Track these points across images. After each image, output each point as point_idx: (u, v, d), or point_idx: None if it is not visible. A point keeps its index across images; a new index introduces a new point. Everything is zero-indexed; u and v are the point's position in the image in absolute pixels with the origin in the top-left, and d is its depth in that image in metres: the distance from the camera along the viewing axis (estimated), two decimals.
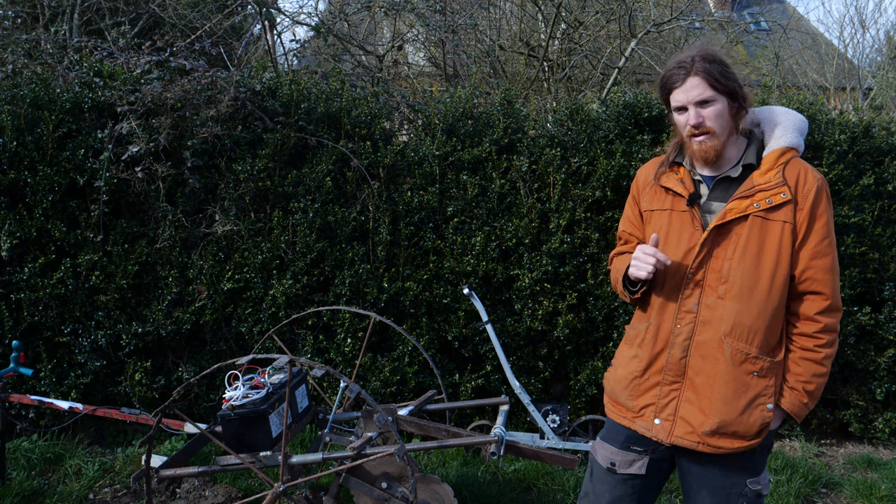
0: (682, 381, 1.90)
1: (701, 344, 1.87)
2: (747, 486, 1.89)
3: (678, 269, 1.90)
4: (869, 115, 4.76)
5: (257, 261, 3.96)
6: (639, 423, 1.97)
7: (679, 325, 1.89)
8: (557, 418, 3.77)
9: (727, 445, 1.85)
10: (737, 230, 1.83)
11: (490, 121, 4.23)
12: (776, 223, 1.81)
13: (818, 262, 1.82)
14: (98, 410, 3.33)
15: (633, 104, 4.20)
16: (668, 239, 1.93)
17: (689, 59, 1.83)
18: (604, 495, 2.03)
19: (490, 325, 3.76)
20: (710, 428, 1.85)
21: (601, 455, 2.05)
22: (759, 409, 1.84)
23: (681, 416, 1.90)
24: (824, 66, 11.80)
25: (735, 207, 1.83)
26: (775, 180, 1.82)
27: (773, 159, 1.85)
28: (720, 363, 1.84)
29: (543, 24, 7.66)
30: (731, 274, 1.83)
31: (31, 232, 3.79)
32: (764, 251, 1.82)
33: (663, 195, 1.98)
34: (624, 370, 2.02)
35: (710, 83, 1.80)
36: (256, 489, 3.51)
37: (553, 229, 4.10)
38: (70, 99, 3.84)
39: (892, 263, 4.28)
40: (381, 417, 2.40)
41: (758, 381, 1.84)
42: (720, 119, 1.83)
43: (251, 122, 4.01)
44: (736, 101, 1.84)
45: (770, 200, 1.81)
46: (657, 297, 1.95)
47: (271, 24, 5.29)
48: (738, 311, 1.83)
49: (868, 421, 4.40)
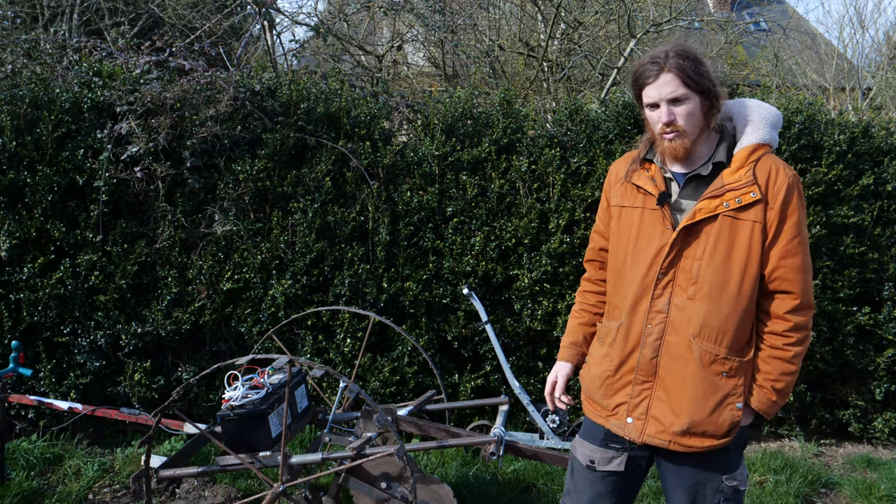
0: (653, 381, 1.90)
1: (671, 344, 1.87)
2: (723, 483, 1.89)
3: (649, 269, 1.88)
4: (868, 116, 4.77)
5: (257, 261, 3.96)
6: (612, 422, 1.97)
7: (650, 325, 1.89)
8: (557, 418, 3.77)
9: (698, 444, 1.86)
10: (706, 230, 1.82)
11: (489, 121, 4.23)
12: (746, 223, 1.80)
13: (788, 261, 1.80)
14: (97, 411, 3.33)
15: (632, 104, 4.20)
16: (640, 238, 1.92)
17: (662, 54, 1.80)
18: (585, 492, 2.03)
19: (489, 326, 3.76)
20: (681, 428, 1.85)
21: (581, 453, 2.06)
22: (729, 408, 1.84)
23: (652, 416, 1.90)
24: (823, 67, 11.80)
25: (704, 207, 1.82)
26: (745, 179, 1.80)
27: (744, 157, 1.83)
28: (690, 364, 1.84)
29: (543, 24, 7.66)
30: (700, 274, 1.82)
31: (31, 232, 3.79)
32: (734, 251, 1.81)
33: (634, 193, 1.97)
34: (597, 369, 2.02)
35: (683, 80, 1.77)
36: (256, 489, 3.51)
37: (552, 229, 4.11)
38: (69, 99, 3.84)
39: (891, 263, 4.28)
40: (381, 417, 2.40)
41: (727, 381, 1.84)
42: (692, 118, 1.81)
43: (250, 122, 4.01)
44: (708, 99, 1.81)
45: (740, 200, 1.79)
46: (628, 297, 1.93)
47: (270, 24, 5.28)
48: (707, 312, 1.82)
49: (867, 421, 4.41)
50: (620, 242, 1.98)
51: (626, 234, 1.96)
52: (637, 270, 1.91)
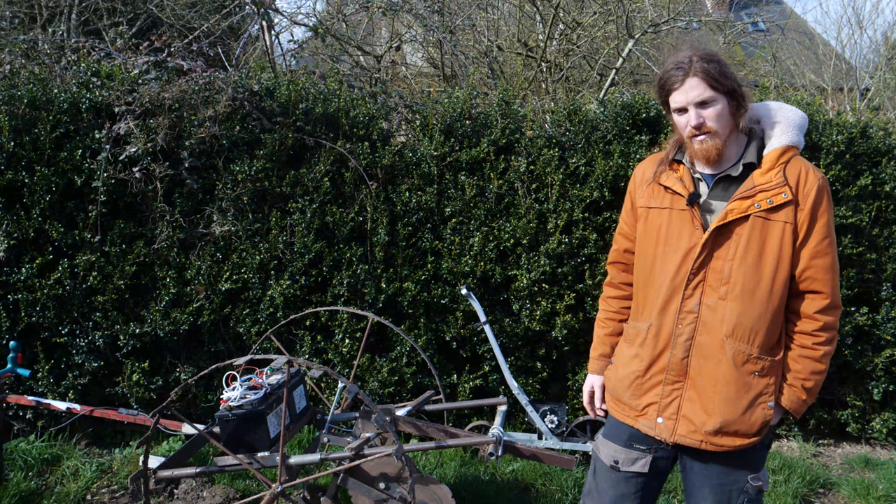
0: (684, 381, 1.91)
1: (703, 344, 1.88)
2: (748, 483, 1.91)
3: (679, 270, 1.90)
4: (866, 116, 4.77)
5: (255, 261, 3.96)
6: (641, 422, 1.98)
7: (681, 325, 1.90)
8: (556, 419, 3.77)
9: (729, 444, 1.87)
10: (738, 231, 1.83)
11: (488, 121, 4.23)
12: (777, 223, 1.81)
13: (818, 261, 1.82)
14: (96, 411, 3.32)
15: (630, 104, 4.21)
16: (669, 238, 1.93)
17: (686, 59, 1.82)
18: (607, 492, 2.04)
19: (488, 326, 3.76)
20: (713, 427, 1.86)
21: (604, 453, 2.06)
22: (761, 407, 1.85)
23: (683, 415, 1.91)
24: (822, 67, 11.81)
25: (736, 208, 1.83)
26: (776, 180, 1.81)
27: (774, 158, 1.84)
28: (722, 364, 1.85)
29: (541, 24, 7.67)
30: (732, 275, 1.84)
31: (29, 232, 3.79)
32: (765, 252, 1.82)
33: (662, 193, 1.98)
34: (625, 370, 2.03)
35: (710, 83, 1.79)
36: (254, 490, 3.51)
37: (551, 230, 4.11)
38: (68, 99, 3.83)
39: (889, 264, 4.29)
40: (379, 418, 2.40)
41: (759, 381, 1.85)
42: (721, 119, 1.83)
43: (249, 122, 4.01)
44: (735, 99, 1.83)
45: (771, 201, 1.80)
46: (658, 298, 1.94)
47: (269, 24, 5.28)
48: (739, 313, 1.83)
49: (865, 421, 4.41)
50: (648, 244, 2.00)
51: (654, 235, 1.98)
52: (667, 271, 1.92)
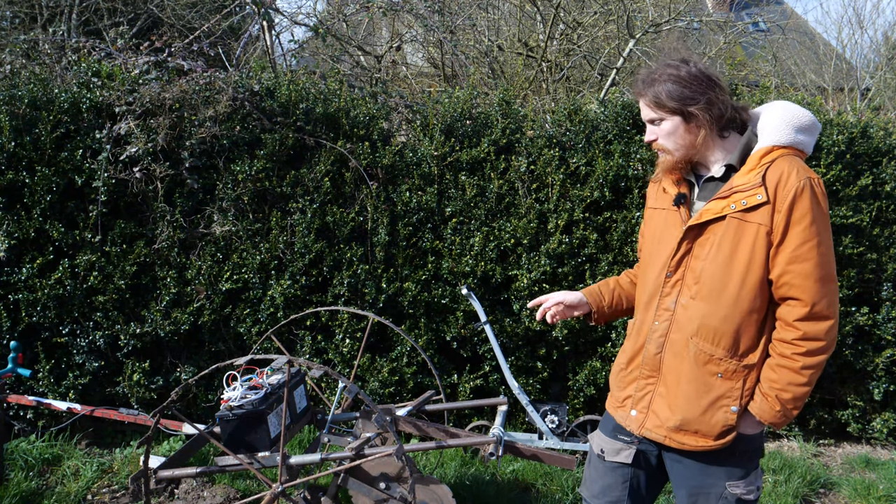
0: (657, 376, 1.95)
1: (674, 342, 1.90)
2: (726, 489, 1.88)
3: (662, 268, 1.94)
4: (867, 116, 4.77)
5: (256, 261, 3.96)
6: (620, 413, 2.04)
7: (657, 321, 1.94)
8: (556, 419, 3.77)
9: (691, 443, 1.88)
10: (714, 231, 1.84)
11: (488, 121, 4.23)
12: (752, 225, 1.78)
13: (796, 266, 1.75)
14: (96, 411, 3.32)
15: (631, 104, 4.21)
16: (661, 238, 1.97)
17: (639, 81, 1.90)
18: (597, 481, 2.10)
19: (489, 326, 3.76)
20: (674, 424, 1.89)
21: (595, 442, 2.13)
22: (723, 410, 1.83)
23: (652, 410, 1.95)
24: (822, 67, 11.81)
25: (711, 208, 1.84)
26: (753, 181, 1.78)
27: (756, 159, 1.82)
28: (685, 362, 1.87)
29: (542, 24, 7.66)
30: (703, 274, 1.85)
31: (30, 232, 3.79)
32: (737, 253, 1.80)
33: (662, 195, 2.03)
34: (616, 361, 2.12)
35: (655, 106, 1.87)
36: (255, 490, 3.51)
37: (551, 230, 4.11)
38: (68, 99, 3.84)
39: (889, 264, 4.28)
40: (380, 418, 2.40)
41: (722, 383, 1.83)
42: (671, 137, 1.87)
43: (249, 122, 4.01)
44: (688, 118, 1.84)
45: (745, 202, 1.78)
46: (644, 294, 2.01)
47: (269, 24, 5.28)
48: (705, 313, 1.84)
49: (866, 421, 4.41)
50: (647, 243, 2.07)
51: (652, 234, 2.04)
52: (653, 269, 1.97)
